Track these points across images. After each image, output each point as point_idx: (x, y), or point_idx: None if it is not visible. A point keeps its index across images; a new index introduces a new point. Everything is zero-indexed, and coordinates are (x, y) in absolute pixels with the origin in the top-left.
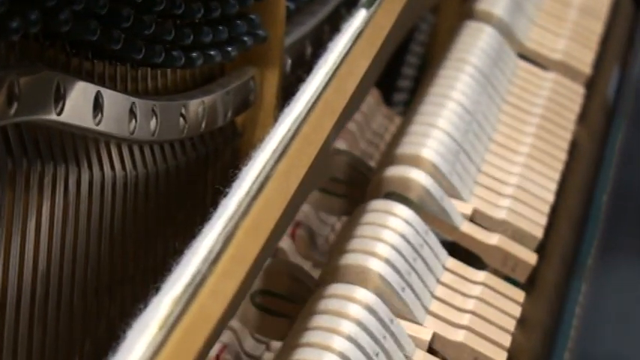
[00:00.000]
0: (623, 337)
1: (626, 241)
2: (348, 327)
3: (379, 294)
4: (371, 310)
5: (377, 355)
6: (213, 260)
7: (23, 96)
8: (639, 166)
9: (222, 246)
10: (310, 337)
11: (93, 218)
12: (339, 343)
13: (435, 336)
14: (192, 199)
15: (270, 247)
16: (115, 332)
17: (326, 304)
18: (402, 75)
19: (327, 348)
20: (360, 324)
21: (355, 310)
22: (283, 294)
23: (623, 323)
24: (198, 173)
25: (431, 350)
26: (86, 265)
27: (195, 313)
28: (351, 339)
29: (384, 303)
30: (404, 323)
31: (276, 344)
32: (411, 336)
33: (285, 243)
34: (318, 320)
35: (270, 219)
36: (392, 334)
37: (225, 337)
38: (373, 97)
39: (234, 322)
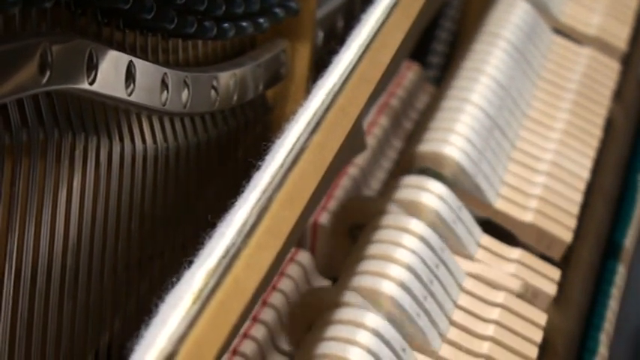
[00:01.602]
0: None
1: None
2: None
3: (411, 271)
4: (396, 303)
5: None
6: (248, 233)
7: (55, 64)
8: None
9: (257, 218)
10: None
11: (123, 192)
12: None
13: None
14: (223, 174)
15: (305, 218)
16: (144, 309)
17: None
18: (433, 51)
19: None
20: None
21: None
22: None
23: None
24: (229, 147)
25: None
26: (116, 239)
27: (230, 286)
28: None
29: (415, 282)
30: (434, 303)
31: None
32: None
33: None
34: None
35: (305, 191)
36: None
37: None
38: (416, 75)
39: None
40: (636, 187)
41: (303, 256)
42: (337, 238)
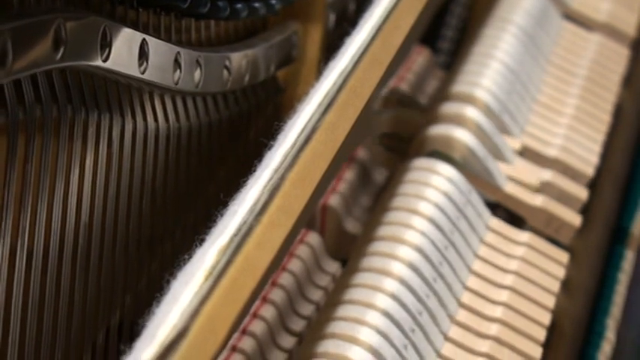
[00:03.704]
0: None
1: None
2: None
3: (421, 252)
4: (405, 284)
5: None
6: (260, 211)
7: (69, 41)
8: None
9: (269, 197)
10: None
11: (135, 170)
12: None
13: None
14: (234, 154)
15: (316, 197)
16: (155, 287)
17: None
18: (443, 37)
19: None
20: (402, 282)
21: (399, 268)
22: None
23: None
24: (241, 127)
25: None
26: (128, 218)
27: (242, 264)
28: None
29: (424, 269)
30: (443, 285)
31: None
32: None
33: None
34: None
35: (317, 170)
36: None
37: None
38: (426, 59)
39: None
40: None
41: (313, 238)
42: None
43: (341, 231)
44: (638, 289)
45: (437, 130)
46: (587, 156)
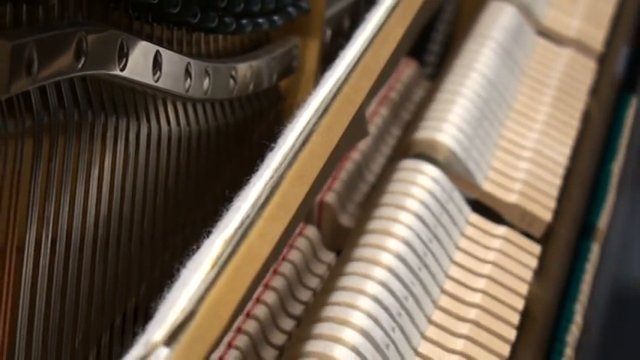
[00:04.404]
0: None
1: None
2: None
3: (407, 244)
4: (393, 272)
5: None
6: (261, 206)
7: (90, 51)
8: None
9: (269, 193)
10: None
11: (150, 169)
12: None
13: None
14: (239, 156)
15: (312, 195)
16: (168, 275)
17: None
18: (429, 51)
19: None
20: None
21: (387, 262)
22: None
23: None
24: (245, 131)
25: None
26: (143, 212)
27: (245, 253)
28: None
29: (410, 259)
30: (428, 274)
31: None
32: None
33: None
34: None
35: (313, 170)
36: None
37: None
38: (413, 71)
39: None
40: (609, 176)
41: (311, 231)
42: None
43: (336, 225)
44: (602, 278)
45: (422, 134)
46: (558, 158)
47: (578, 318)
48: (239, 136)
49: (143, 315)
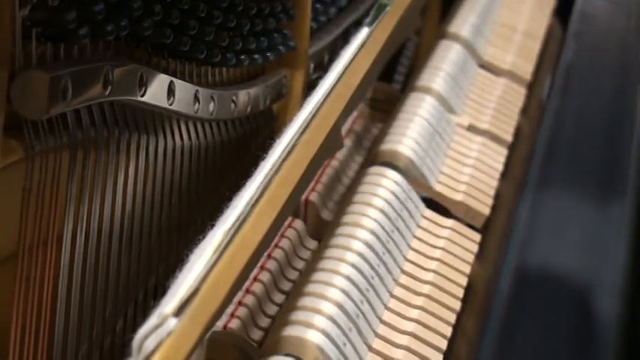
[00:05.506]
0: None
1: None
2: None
3: (373, 234)
4: (362, 256)
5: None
6: (254, 204)
7: (116, 81)
8: (563, 139)
9: (260, 194)
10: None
11: (165, 176)
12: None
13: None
14: (239, 165)
15: (296, 195)
16: (182, 260)
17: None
18: (394, 81)
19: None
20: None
21: (351, 260)
22: None
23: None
24: (244, 145)
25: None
26: (161, 211)
27: (240, 242)
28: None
29: (376, 242)
30: (390, 258)
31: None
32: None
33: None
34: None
35: (295, 174)
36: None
37: None
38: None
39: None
40: (534, 175)
41: (298, 224)
42: None
43: (319, 219)
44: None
45: (386, 146)
46: (495, 165)
47: (506, 290)
48: (239, 149)
49: (161, 292)
